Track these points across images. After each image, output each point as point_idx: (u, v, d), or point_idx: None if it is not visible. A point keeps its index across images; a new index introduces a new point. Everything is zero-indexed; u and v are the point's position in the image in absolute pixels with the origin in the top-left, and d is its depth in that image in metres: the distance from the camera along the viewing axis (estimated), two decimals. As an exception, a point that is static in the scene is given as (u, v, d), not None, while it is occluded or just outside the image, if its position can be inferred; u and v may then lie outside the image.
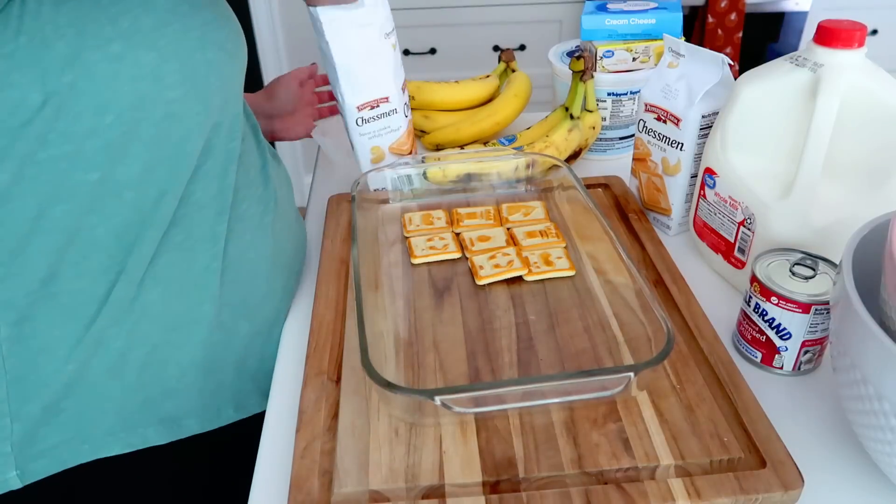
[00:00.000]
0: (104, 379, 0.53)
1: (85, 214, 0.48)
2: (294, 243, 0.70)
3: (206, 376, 0.59)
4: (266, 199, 0.63)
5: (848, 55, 0.58)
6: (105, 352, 0.52)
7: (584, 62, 0.85)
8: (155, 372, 0.55)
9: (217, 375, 0.60)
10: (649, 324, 0.56)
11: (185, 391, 0.58)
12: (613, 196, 0.82)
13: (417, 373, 0.57)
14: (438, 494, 0.47)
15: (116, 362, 0.53)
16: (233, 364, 0.61)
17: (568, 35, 2.01)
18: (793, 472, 0.47)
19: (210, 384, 0.60)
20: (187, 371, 0.57)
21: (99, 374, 0.53)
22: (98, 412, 0.54)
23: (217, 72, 0.50)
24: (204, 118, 0.51)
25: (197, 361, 0.58)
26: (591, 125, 0.89)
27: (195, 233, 0.54)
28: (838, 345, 0.47)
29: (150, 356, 0.55)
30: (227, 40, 0.51)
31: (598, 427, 0.51)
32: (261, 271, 0.62)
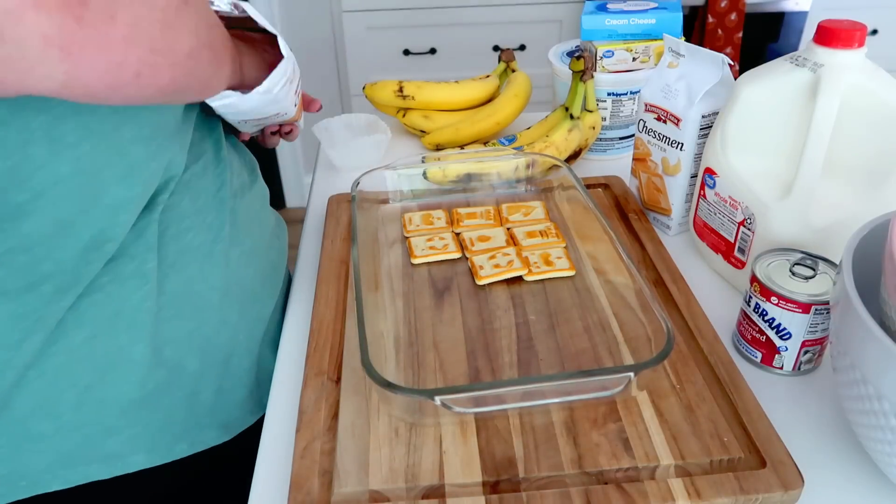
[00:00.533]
0: (34, 419, 0.51)
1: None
2: (260, 268, 0.66)
3: (151, 413, 0.56)
4: (218, 225, 0.59)
5: (848, 55, 0.58)
6: (28, 394, 0.50)
7: (584, 62, 0.85)
8: (91, 411, 0.53)
9: (164, 412, 0.56)
10: (649, 324, 0.56)
11: (127, 428, 0.55)
12: (613, 196, 0.82)
13: (417, 373, 0.57)
14: (438, 494, 0.47)
15: (44, 403, 0.51)
16: (182, 399, 0.58)
17: (568, 35, 2.01)
18: (793, 472, 0.47)
19: (156, 421, 0.56)
20: (128, 409, 0.54)
21: (26, 414, 0.50)
22: (32, 451, 0.52)
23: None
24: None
25: (138, 400, 0.54)
26: (591, 125, 0.89)
27: (121, 273, 0.51)
28: (838, 345, 0.47)
29: (84, 396, 0.52)
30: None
31: (598, 427, 0.51)
32: (211, 303, 0.58)
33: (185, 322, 0.56)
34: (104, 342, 0.51)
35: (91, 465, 0.54)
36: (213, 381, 0.60)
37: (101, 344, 0.51)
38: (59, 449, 0.53)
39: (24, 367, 0.49)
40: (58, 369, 0.50)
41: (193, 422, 0.59)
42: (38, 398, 0.50)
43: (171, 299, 0.55)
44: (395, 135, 1.03)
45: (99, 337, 0.51)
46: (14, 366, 0.48)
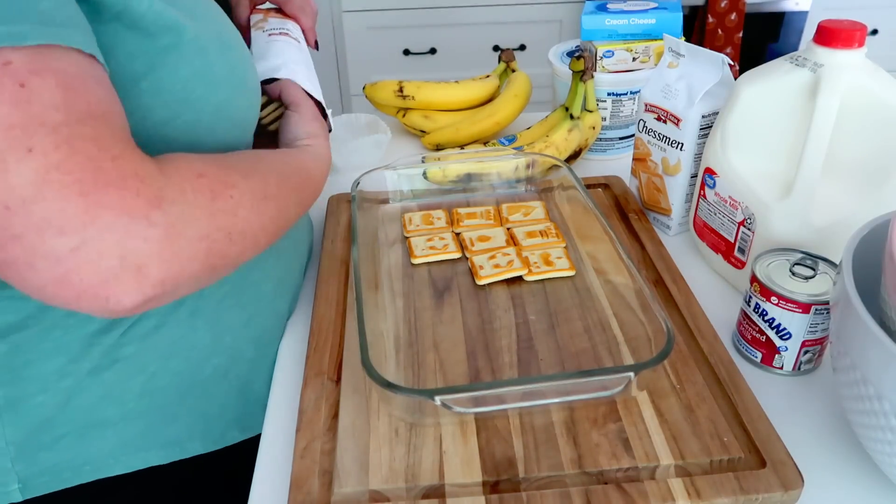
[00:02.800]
0: (101, 406, 0.53)
1: None
2: (302, 259, 0.71)
3: (209, 400, 0.59)
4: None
5: (848, 55, 0.58)
6: (98, 382, 0.52)
7: (584, 62, 0.85)
8: (155, 398, 0.55)
9: (220, 399, 0.59)
10: (649, 324, 0.56)
11: (186, 415, 0.57)
12: (613, 196, 0.82)
13: (417, 373, 0.57)
14: (438, 494, 0.47)
15: (112, 390, 0.53)
16: (237, 387, 0.60)
17: (568, 35, 2.01)
18: (793, 472, 0.47)
19: (213, 408, 0.59)
20: (188, 396, 0.57)
21: (94, 402, 0.53)
22: (97, 437, 0.54)
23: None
24: None
25: (198, 386, 0.57)
26: (591, 125, 0.89)
27: None
28: (838, 345, 0.47)
29: (149, 383, 0.54)
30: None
31: (598, 427, 0.51)
32: (265, 294, 0.62)
33: (242, 311, 0.59)
34: (170, 330, 0.54)
35: (151, 451, 0.56)
36: (266, 371, 0.62)
37: (168, 331, 0.54)
38: (122, 435, 0.55)
39: (100, 356, 0.52)
40: (128, 358, 0.53)
41: (246, 409, 0.61)
42: (106, 386, 0.53)
43: (231, 288, 0.57)
44: (395, 135, 1.03)
45: (166, 325, 0.54)
46: (91, 356, 0.52)
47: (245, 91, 0.56)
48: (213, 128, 0.52)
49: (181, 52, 0.48)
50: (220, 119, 0.53)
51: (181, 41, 0.48)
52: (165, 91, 0.48)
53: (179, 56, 0.48)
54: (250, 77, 0.57)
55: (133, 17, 0.44)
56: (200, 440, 0.59)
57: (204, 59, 0.50)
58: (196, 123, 0.51)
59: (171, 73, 0.48)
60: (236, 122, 0.55)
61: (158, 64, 0.47)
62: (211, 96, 0.51)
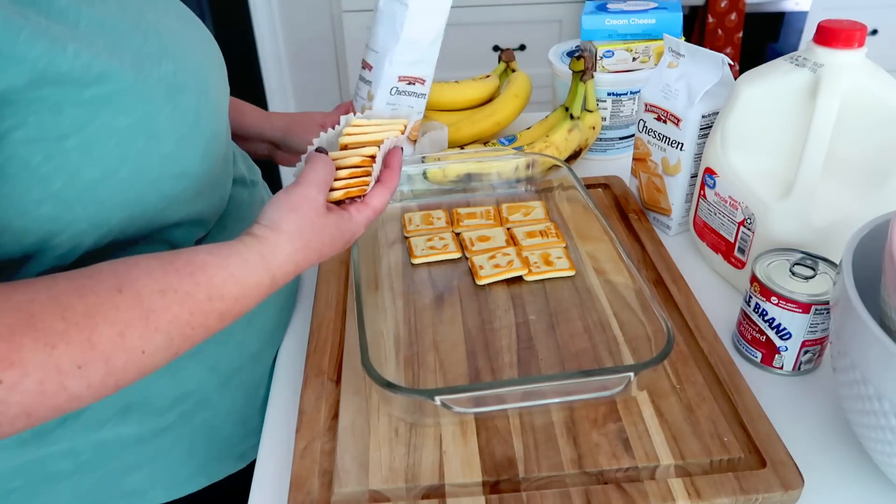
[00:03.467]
0: (53, 458, 0.50)
1: None
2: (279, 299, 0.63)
3: (172, 447, 0.55)
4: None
5: (848, 55, 0.58)
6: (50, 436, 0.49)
7: (585, 62, 0.85)
8: (110, 449, 0.52)
9: (185, 445, 0.56)
10: (649, 324, 0.56)
11: (148, 464, 0.54)
12: (613, 196, 0.82)
13: (417, 373, 0.57)
14: (438, 494, 0.47)
15: (64, 444, 0.50)
16: (204, 432, 0.57)
17: (568, 35, 2.01)
18: (793, 472, 0.47)
19: (177, 454, 0.55)
20: (149, 444, 0.53)
21: (47, 454, 0.50)
22: (50, 492, 0.51)
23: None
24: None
25: (159, 434, 0.53)
26: (591, 125, 0.89)
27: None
28: (838, 345, 0.47)
29: (105, 434, 0.51)
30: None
31: (598, 427, 0.51)
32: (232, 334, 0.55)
33: (207, 353, 0.54)
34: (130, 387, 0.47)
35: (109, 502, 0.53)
36: (234, 412, 0.58)
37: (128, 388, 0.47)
38: (77, 488, 0.51)
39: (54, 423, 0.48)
40: (81, 412, 0.49)
41: (213, 454, 0.58)
42: (59, 440, 0.49)
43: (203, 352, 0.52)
44: (395, 135, 1.02)
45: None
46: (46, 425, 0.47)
47: (198, 139, 0.49)
48: (157, 182, 0.46)
49: (117, 102, 0.42)
50: (166, 172, 0.47)
51: (117, 90, 0.42)
52: (97, 147, 0.42)
53: (114, 107, 0.42)
54: (205, 122, 0.50)
55: (58, 72, 0.39)
56: (163, 488, 0.56)
57: (146, 107, 0.44)
58: (136, 179, 0.45)
59: (105, 127, 0.42)
60: (186, 173, 0.49)
61: (89, 117, 0.41)
62: (154, 148, 0.45)
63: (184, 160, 0.48)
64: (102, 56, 0.41)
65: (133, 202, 0.45)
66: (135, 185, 0.45)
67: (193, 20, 0.55)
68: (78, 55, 0.39)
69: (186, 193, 0.49)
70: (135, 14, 0.46)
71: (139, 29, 0.45)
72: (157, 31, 0.47)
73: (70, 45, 0.39)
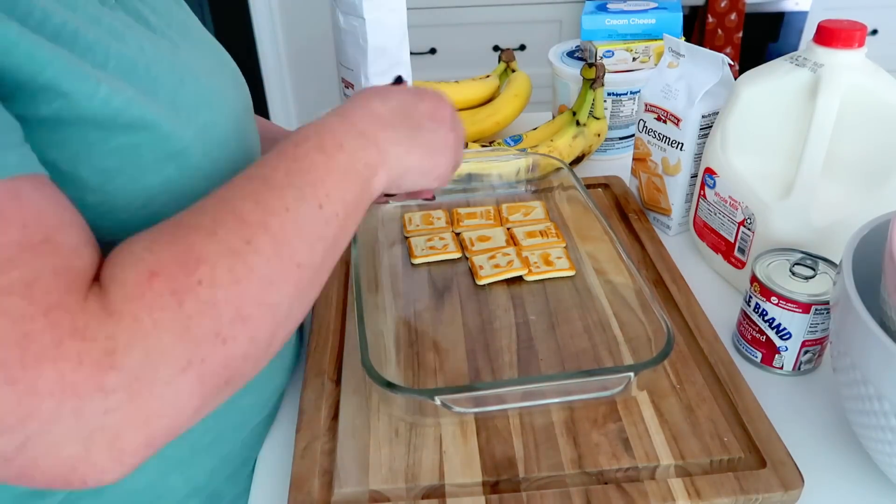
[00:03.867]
0: None
1: None
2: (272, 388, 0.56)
3: None
4: None
5: (848, 55, 0.58)
6: None
7: (596, 70, 0.86)
8: None
9: None
10: (649, 324, 0.56)
11: None
12: (613, 196, 0.82)
13: (417, 373, 0.57)
14: (438, 494, 0.47)
15: None
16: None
17: (568, 35, 2.01)
18: (793, 472, 0.47)
19: None
20: None
21: None
22: None
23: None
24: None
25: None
26: (596, 132, 0.89)
27: None
28: (838, 345, 0.47)
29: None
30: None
31: (598, 427, 0.51)
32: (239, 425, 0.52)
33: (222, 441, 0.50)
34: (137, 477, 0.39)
35: None
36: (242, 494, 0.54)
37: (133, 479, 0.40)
38: None
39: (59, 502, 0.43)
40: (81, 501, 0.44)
41: None
42: None
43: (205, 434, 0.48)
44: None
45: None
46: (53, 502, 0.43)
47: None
48: None
49: (147, 155, 0.37)
50: None
51: (151, 141, 0.37)
52: (123, 208, 0.37)
53: (144, 161, 0.37)
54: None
55: (80, 112, 0.34)
56: None
57: (182, 163, 0.39)
58: None
59: (132, 184, 0.37)
60: None
61: (114, 171, 0.36)
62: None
63: None
64: (139, 100, 0.36)
65: None
66: None
67: (220, 51, 0.50)
68: (110, 98, 0.35)
69: None
70: (168, 52, 0.41)
71: (174, 71, 0.40)
72: (194, 74, 0.42)
73: (103, 85, 0.34)
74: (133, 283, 0.31)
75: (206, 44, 0.49)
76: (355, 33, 0.73)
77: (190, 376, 0.32)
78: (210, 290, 0.32)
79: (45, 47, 0.32)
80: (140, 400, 0.30)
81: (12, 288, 0.28)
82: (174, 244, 0.33)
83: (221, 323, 0.33)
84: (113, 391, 0.29)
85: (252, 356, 0.35)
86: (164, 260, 0.33)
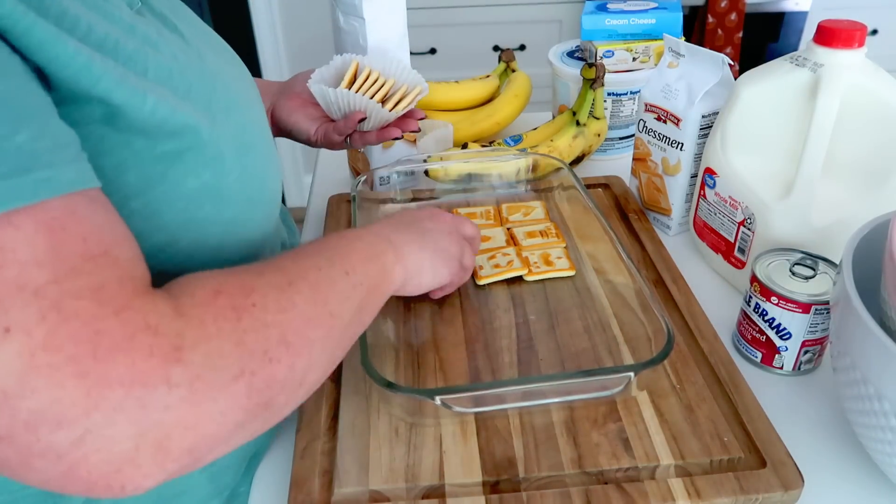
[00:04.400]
0: None
1: None
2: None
3: None
4: None
5: (848, 55, 0.58)
6: None
7: (596, 70, 0.86)
8: None
9: None
10: (649, 324, 0.56)
11: None
12: (613, 196, 0.82)
13: (417, 373, 0.57)
14: (438, 494, 0.47)
15: None
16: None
17: (568, 35, 2.01)
18: (793, 472, 0.47)
19: None
20: None
21: None
22: None
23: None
24: None
25: None
26: (596, 132, 0.89)
27: None
28: (838, 345, 0.47)
29: None
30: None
31: (598, 427, 0.51)
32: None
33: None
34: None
35: None
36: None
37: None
38: None
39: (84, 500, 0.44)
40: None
41: None
42: None
43: None
44: (395, 135, 1.02)
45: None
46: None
47: (262, 202, 0.47)
48: (221, 248, 0.43)
49: (188, 161, 0.39)
50: (229, 238, 0.44)
51: (191, 147, 0.39)
52: (163, 212, 0.39)
53: (186, 166, 0.39)
54: (270, 183, 0.47)
55: (128, 122, 0.35)
56: None
57: (217, 167, 0.41)
58: (199, 246, 0.42)
59: (173, 189, 0.39)
60: (249, 241, 0.46)
61: (157, 177, 0.38)
62: (221, 214, 0.42)
63: (247, 226, 0.45)
64: (181, 108, 0.38)
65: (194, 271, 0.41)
66: (198, 252, 0.42)
67: (235, 56, 0.51)
68: (157, 108, 0.36)
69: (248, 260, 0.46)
70: (197, 59, 0.42)
71: (204, 78, 0.42)
72: (222, 80, 0.44)
73: (150, 96, 0.36)
74: (201, 295, 0.35)
75: (225, 50, 0.50)
76: (355, 33, 0.72)
77: (241, 386, 0.34)
78: (262, 313, 0.36)
79: (97, 60, 0.34)
80: (197, 398, 0.32)
81: (81, 293, 0.30)
82: (232, 276, 0.37)
83: (269, 343, 0.36)
84: (177, 385, 0.31)
85: (288, 386, 0.37)
86: (226, 284, 0.36)
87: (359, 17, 0.71)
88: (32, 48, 0.31)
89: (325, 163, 0.97)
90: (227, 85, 0.44)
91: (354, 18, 0.71)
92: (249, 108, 0.47)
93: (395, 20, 0.73)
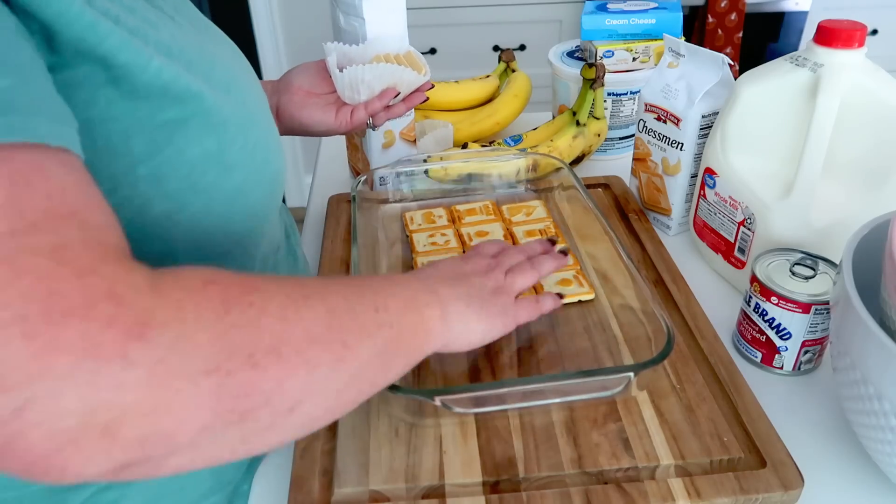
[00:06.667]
0: None
1: None
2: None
3: None
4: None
5: (848, 55, 0.58)
6: None
7: (596, 70, 0.86)
8: None
9: None
10: (649, 324, 0.56)
11: None
12: (613, 196, 0.82)
13: (417, 373, 0.57)
14: (438, 494, 0.47)
15: None
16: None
17: (568, 35, 2.01)
18: (793, 472, 0.47)
19: None
20: None
21: None
22: None
23: None
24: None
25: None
26: (596, 132, 0.89)
27: None
28: (838, 345, 0.47)
29: None
30: None
31: (598, 427, 0.51)
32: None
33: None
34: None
35: None
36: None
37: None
38: None
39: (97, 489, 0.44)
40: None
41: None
42: None
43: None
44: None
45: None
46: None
47: (266, 174, 0.47)
48: (227, 217, 0.44)
49: (193, 127, 0.39)
50: (235, 208, 0.44)
51: (195, 113, 0.39)
52: (169, 177, 0.39)
53: (190, 133, 0.39)
54: (273, 157, 0.48)
55: (133, 85, 0.36)
56: None
57: (221, 135, 0.41)
58: (204, 214, 0.42)
59: (178, 155, 0.39)
60: (254, 213, 0.47)
61: (163, 143, 0.38)
62: (224, 182, 0.42)
63: (251, 197, 0.45)
64: (183, 74, 0.38)
65: (199, 240, 0.42)
66: (203, 220, 0.42)
67: (237, 49, 0.52)
68: (161, 70, 0.37)
69: (254, 235, 0.47)
70: (196, 42, 0.43)
71: (205, 56, 0.43)
72: (223, 62, 0.45)
73: (155, 59, 0.36)
74: (189, 281, 0.32)
75: (225, 41, 0.51)
76: (355, 33, 0.73)
77: (210, 382, 0.30)
78: (258, 314, 0.33)
79: (102, 20, 0.34)
80: (157, 384, 0.28)
81: (38, 250, 0.27)
82: (237, 274, 0.34)
83: (258, 347, 0.32)
84: (133, 364, 0.28)
85: (273, 404, 0.32)
86: (225, 278, 0.34)
87: (359, 16, 0.71)
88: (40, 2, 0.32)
89: (325, 163, 0.97)
90: (226, 66, 0.45)
91: (354, 18, 0.72)
92: (249, 88, 0.47)
93: (395, 20, 0.73)
